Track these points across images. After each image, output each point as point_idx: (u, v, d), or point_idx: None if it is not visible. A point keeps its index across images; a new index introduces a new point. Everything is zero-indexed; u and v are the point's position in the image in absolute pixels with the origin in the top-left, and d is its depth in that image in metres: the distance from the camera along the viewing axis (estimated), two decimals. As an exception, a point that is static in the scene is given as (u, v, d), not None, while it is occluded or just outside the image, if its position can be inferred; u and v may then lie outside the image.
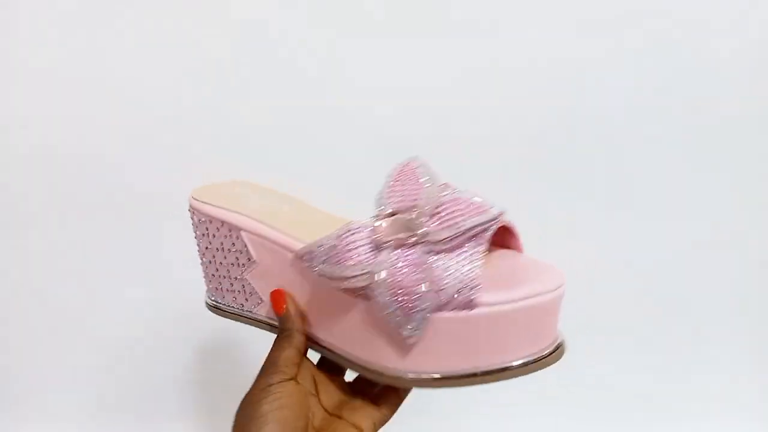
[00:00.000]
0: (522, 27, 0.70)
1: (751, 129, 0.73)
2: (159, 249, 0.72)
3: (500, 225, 0.38)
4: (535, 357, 0.37)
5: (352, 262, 0.37)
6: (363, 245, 0.37)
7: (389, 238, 0.36)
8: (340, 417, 0.40)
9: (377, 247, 0.36)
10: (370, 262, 0.36)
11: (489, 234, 0.37)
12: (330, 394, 0.42)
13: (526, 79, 0.71)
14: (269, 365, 0.40)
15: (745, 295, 0.76)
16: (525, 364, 0.36)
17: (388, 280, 0.35)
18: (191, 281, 0.71)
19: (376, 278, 0.35)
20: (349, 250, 0.37)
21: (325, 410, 0.41)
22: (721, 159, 0.74)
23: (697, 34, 0.70)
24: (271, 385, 0.38)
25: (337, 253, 0.37)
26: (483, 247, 0.36)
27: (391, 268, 0.35)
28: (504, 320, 0.35)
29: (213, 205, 0.46)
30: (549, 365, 0.37)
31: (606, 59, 0.70)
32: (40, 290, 0.74)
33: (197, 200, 0.46)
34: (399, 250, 0.36)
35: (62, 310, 0.75)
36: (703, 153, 0.73)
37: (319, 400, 0.42)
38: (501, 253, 0.41)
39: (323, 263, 0.38)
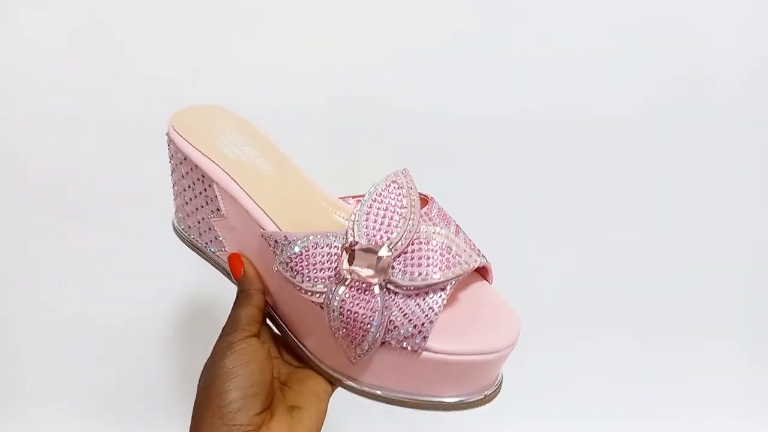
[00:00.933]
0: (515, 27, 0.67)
1: (750, 131, 0.71)
2: (157, 247, 0.68)
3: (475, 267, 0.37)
4: (471, 399, 0.38)
5: (310, 278, 0.36)
6: (327, 266, 0.36)
7: (353, 274, 0.34)
8: (305, 367, 0.41)
9: (339, 275, 0.35)
10: (328, 286, 0.35)
11: (455, 284, 0.36)
12: (293, 354, 0.43)
13: (524, 79, 0.68)
14: (231, 324, 0.40)
15: (745, 294, 0.77)
16: (460, 403, 0.37)
17: (342, 309, 0.35)
18: (188, 281, 0.72)
19: (330, 303, 0.35)
20: (311, 265, 0.36)
21: (290, 364, 0.42)
22: (720, 159, 0.72)
23: (695, 36, 0.68)
24: (233, 342, 0.38)
25: (299, 262, 0.36)
26: (446, 296, 0.35)
27: (348, 299, 0.35)
28: (446, 366, 0.36)
29: (190, 144, 0.43)
30: (485, 404, 0.38)
31: (605, 59, 0.68)
32: (35, 290, 0.73)
33: (176, 132, 0.43)
34: (359, 285, 0.35)
35: (57, 307, 0.73)
36: (702, 153, 0.71)
37: (283, 359, 0.42)
38: (470, 287, 0.39)
39: (283, 265, 0.37)
